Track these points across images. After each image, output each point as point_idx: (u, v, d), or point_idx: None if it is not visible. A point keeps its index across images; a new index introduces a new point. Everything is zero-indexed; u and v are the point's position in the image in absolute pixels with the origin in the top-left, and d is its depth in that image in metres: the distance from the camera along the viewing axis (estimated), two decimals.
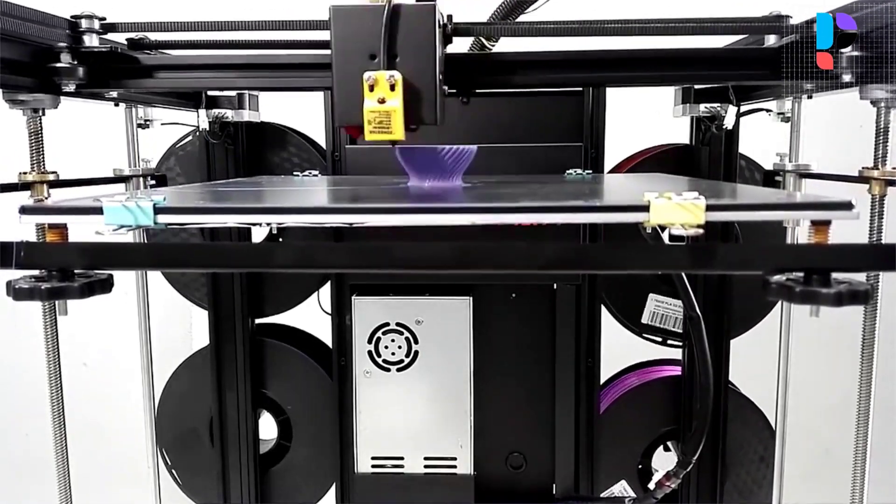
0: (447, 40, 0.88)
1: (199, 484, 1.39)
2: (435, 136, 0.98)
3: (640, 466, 1.34)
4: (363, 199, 0.78)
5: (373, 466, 1.25)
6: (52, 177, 1.01)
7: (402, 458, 1.25)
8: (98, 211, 0.61)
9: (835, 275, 0.58)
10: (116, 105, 1.13)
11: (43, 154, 0.98)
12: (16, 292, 0.61)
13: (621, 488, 1.32)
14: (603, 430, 1.30)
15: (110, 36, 1.02)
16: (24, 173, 0.99)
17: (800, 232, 1.06)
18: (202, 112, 1.24)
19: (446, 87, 0.84)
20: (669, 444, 1.36)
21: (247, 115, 1.28)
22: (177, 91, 1.20)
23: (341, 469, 1.31)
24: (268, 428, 1.40)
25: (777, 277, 0.57)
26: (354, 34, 0.83)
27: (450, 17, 0.90)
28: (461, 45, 0.94)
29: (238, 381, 1.33)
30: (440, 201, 0.81)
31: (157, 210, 0.61)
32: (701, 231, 0.56)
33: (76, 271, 0.63)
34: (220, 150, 1.30)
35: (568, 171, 1.21)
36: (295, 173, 1.26)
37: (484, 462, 1.27)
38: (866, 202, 0.97)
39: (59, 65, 0.94)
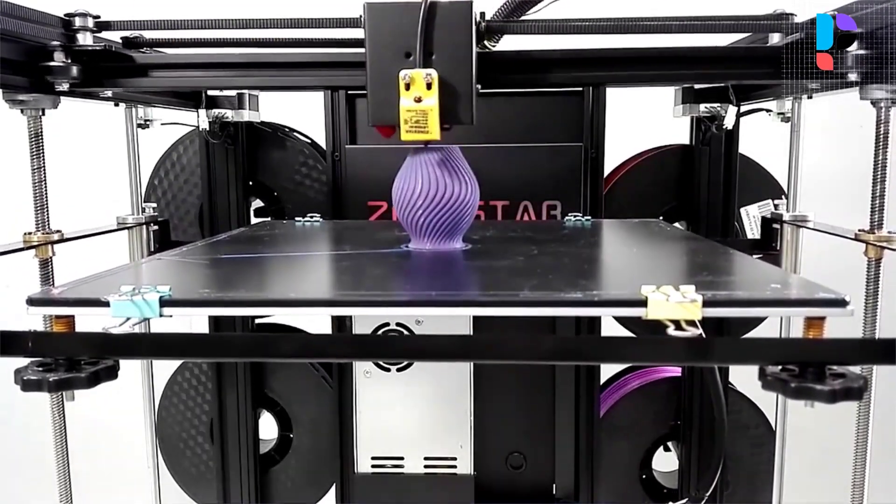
0: (480, 38, 0.86)
1: (199, 484, 1.39)
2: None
3: (640, 466, 1.34)
4: (363, 277, 0.77)
5: (373, 466, 1.25)
6: (56, 236, 1.00)
7: (402, 458, 1.25)
8: (104, 303, 0.61)
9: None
10: (116, 105, 1.13)
11: (43, 156, 0.98)
12: (24, 383, 0.61)
13: None
14: (603, 430, 1.30)
15: (105, 34, 1.01)
16: (29, 233, 0.99)
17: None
18: (202, 112, 1.24)
19: (479, 86, 0.83)
20: (670, 444, 1.36)
21: (247, 115, 1.29)
22: (176, 91, 1.19)
23: (341, 469, 1.30)
24: (268, 428, 1.40)
25: (772, 368, 0.59)
26: (390, 32, 0.82)
27: (482, 14, 0.88)
28: None
29: (238, 381, 1.33)
30: (441, 278, 0.80)
31: (163, 303, 0.61)
32: (699, 331, 0.57)
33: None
34: (220, 150, 1.30)
35: (567, 217, 1.21)
36: (297, 219, 1.25)
37: (484, 462, 1.27)
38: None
39: (52, 63, 0.92)
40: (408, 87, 0.80)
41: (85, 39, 0.96)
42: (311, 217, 1.24)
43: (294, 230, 1.16)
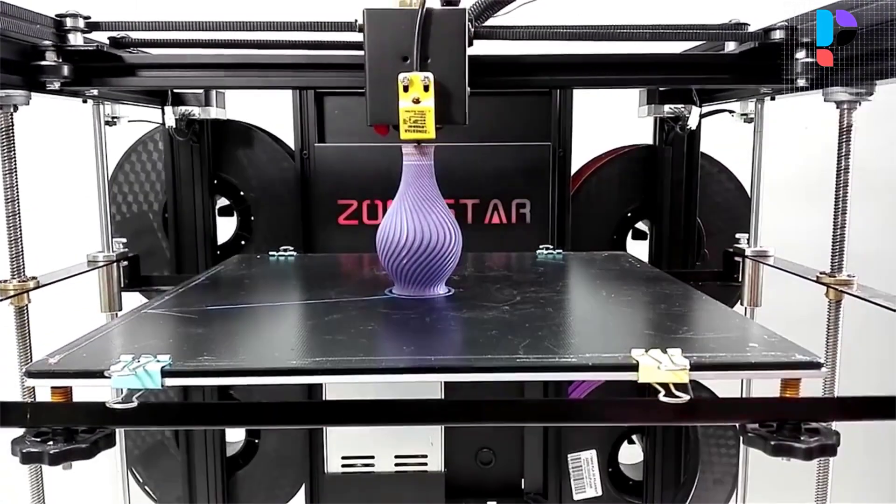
0: (471, 43, 0.89)
1: (166, 488, 1.36)
2: None
3: (609, 465, 1.36)
4: (353, 334, 0.76)
5: (343, 466, 1.25)
6: (32, 283, 0.98)
7: (372, 458, 1.25)
8: (106, 377, 0.61)
9: None
10: (85, 101, 1.11)
11: (14, 152, 0.95)
12: (24, 456, 0.61)
13: (589, 456, 1.34)
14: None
15: (94, 35, 1.01)
16: (4, 281, 0.97)
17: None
18: (168, 109, 1.22)
19: (469, 88, 0.87)
20: (634, 437, 1.39)
21: (213, 113, 1.27)
22: (149, 88, 1.18)
23: (311, 469, 1.30)
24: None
25: (752, 425, 0.64)
26: (388, 36, 0.84)
27: (472, 20, 0.91)
28: None
29: None
30: (432, 335, 0.80)
31: (164, 373, 0.61)
32: (687, 397, 0.61)
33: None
34: (186, 147, 1.28)
35: (539, 250, 1.24)
36: (271, 254, 1.24)
37: (454, 459, 1.28)
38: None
39: (44, 63, 0.93)
40: (406, 89, 0.83)
41: (76, 39, 0.97)
42: (286, 250, 1.24)
43: (270, 268, 1.15)
